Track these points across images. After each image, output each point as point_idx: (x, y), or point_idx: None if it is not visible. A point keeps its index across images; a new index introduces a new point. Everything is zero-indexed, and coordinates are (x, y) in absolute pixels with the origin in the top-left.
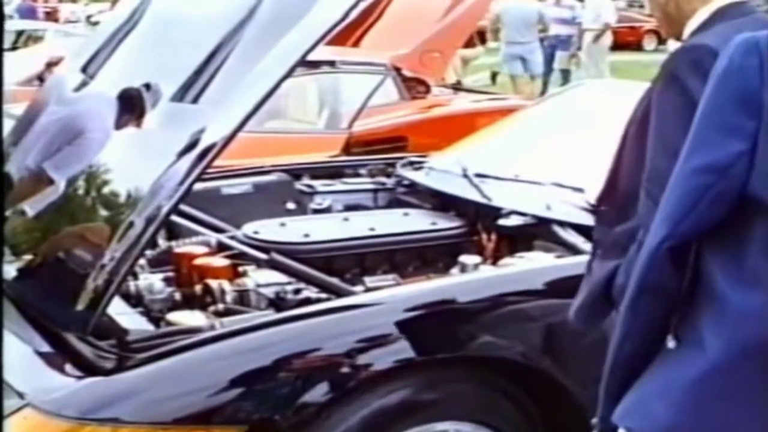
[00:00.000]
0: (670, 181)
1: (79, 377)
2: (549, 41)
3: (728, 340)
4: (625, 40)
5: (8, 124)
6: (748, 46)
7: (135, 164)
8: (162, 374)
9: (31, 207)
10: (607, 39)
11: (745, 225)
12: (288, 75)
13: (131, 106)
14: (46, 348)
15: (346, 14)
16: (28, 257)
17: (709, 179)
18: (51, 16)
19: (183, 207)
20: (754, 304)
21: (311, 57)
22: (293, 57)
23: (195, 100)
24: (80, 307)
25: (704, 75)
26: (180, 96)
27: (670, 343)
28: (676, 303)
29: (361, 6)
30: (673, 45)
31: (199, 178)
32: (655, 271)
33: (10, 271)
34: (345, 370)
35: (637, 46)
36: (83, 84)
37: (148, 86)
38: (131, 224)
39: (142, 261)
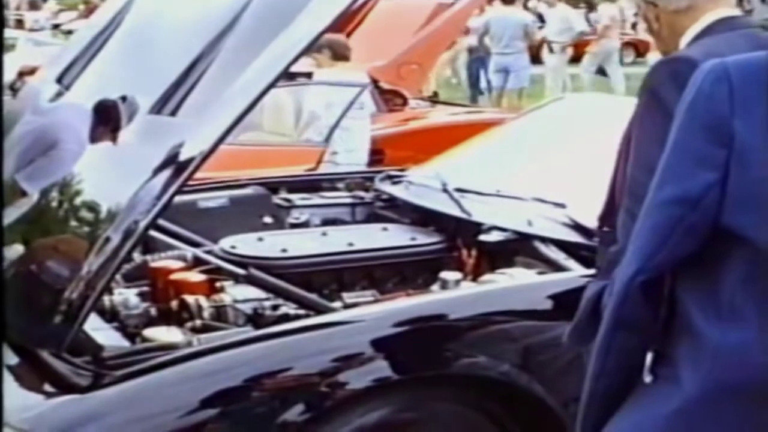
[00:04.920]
0: (641, 212)
1: (54, 395)
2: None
3: (705, 375)
4: None
5: None
6: (717, 74)
7: (111, 177)
8: (136, 393)
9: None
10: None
11: (719, 257)
12: (269, 88)
13: (107, 118)
14: (19, 364)
15: (329, 26)
16: None
17: (680, 211)
18: (22, 24)
19: (159, 220)
20: (732, 340)
21: None
22: (275, 69)
23: (173, 113)
24: (55, 322)
25: (682, 87)
26: (158, 108)
27: (647, 378)
28: (652, 337)
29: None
30: (654, 58)
31: (177, 193)
32: (628, 306)
33: None
34: (322, 389)
35: None
36: (58, 94)
37: (124, 98)
38: (108, 239)
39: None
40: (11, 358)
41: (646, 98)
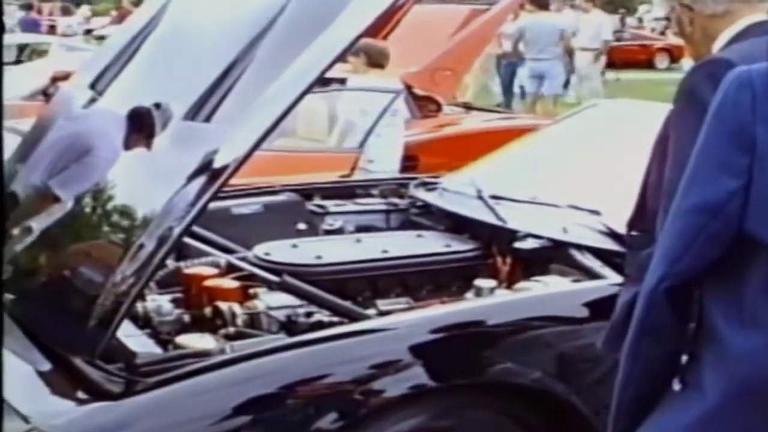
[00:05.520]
0: (667, 219)
1: (86, 401)
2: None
3: (727, 382)
4: (636, 59)
5: (15, 140)
6: (741, 80)
7: (145, 184)
8: (169, 401)
9: (37, 224)
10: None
11: (743, 264)
12: (305, 94)
13: (141, 125)
14: (51, 370)
15: (365, 31)
16: (32, 275)
17: (703, 219)
18: (54, 29)
19: (192, 227)
20: (753, 346)
21: None
22: (310, 75)
23: (208, 119)
24: (88, 328)
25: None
26: (192, 114)
27: (676, 386)
28: (681, 345)
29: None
30: (687, 63)
31: (212, 200)
32: (653, 313)
33: (14, 289)
34: (356, 396)
35: (649, 65)
36: (92, 100)
37: (158, 106)
38: (142, 245)
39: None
40: (43, 364)
41: (684, 100)
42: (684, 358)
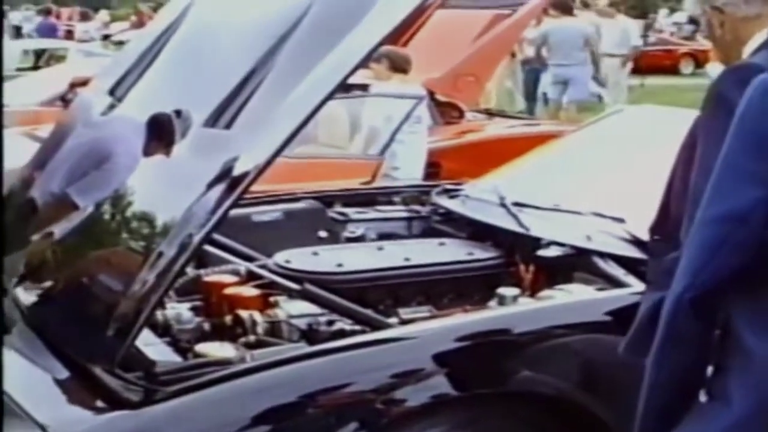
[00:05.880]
0: (692, 228)
1: (105, 410)
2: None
3: (752, 391)
4: (661, 64)
5: (33, 146)
6: (766, 87)
7: (165, 191)
8: (188, 409)
9: (56, 231)
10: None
11: (767, 273)
12: (326, 100)
13: (160, 132)
14: (70, 378)
15: (387, 36)
16: (51, 283)
17: (727, 228)
18: (72, 34)
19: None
20: None
21: None
22: (332, 81)
23: (228, 126)
24: (107, 336)
25: None
26: (213, 121)
27: (702, 397)
28: (707, 354)
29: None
30: (712, 68)
31: (232, 208)
32: (678, 322)
33: (31, 296)
34: (378, 406)
35: (674, 70)
36: (111, 107)
37: (179, 113)
38: (161, 253)
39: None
40: (61, 372)
41: (713, 106)
42: (710, 370)
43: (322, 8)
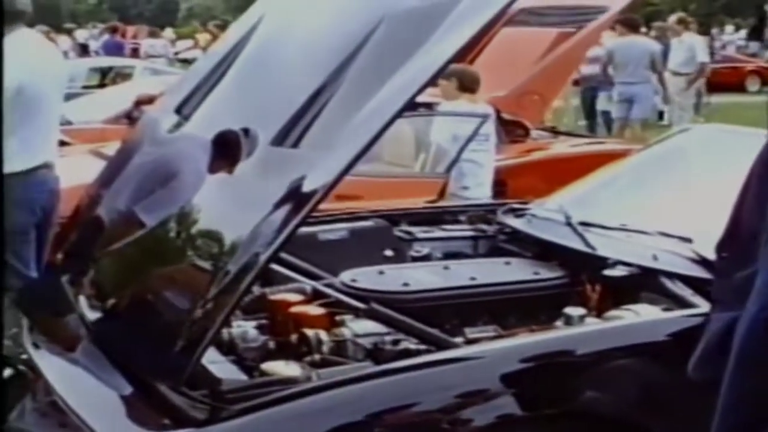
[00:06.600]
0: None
1: (170, 427)
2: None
3: None
4: (727, 81)
5: (99, 164)
6: None
7: (232, 209)
8: (254, 428)
9: (125, 248)
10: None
11: None
12: (395, 118)
13: (227, 150)
14: (134, 396)
15: (456, 55)
16: (117, 300)
17: None
18: (137, 52)
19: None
20: None
21: None
22: (401, 99)
23: (295, 145)
24: (173, 354)
25: None
26: (280, 140)
27: None
28: None
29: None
30: None
31: (299, 227)
32: (754, 343)
33: (97, 313)
34: (444, 426)
35: (740, 87)
36: (178, 125)
37: (246, 131)
38: (228, 271)
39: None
40: (126, 389)
41: None
42: None
43: (390, 25)
